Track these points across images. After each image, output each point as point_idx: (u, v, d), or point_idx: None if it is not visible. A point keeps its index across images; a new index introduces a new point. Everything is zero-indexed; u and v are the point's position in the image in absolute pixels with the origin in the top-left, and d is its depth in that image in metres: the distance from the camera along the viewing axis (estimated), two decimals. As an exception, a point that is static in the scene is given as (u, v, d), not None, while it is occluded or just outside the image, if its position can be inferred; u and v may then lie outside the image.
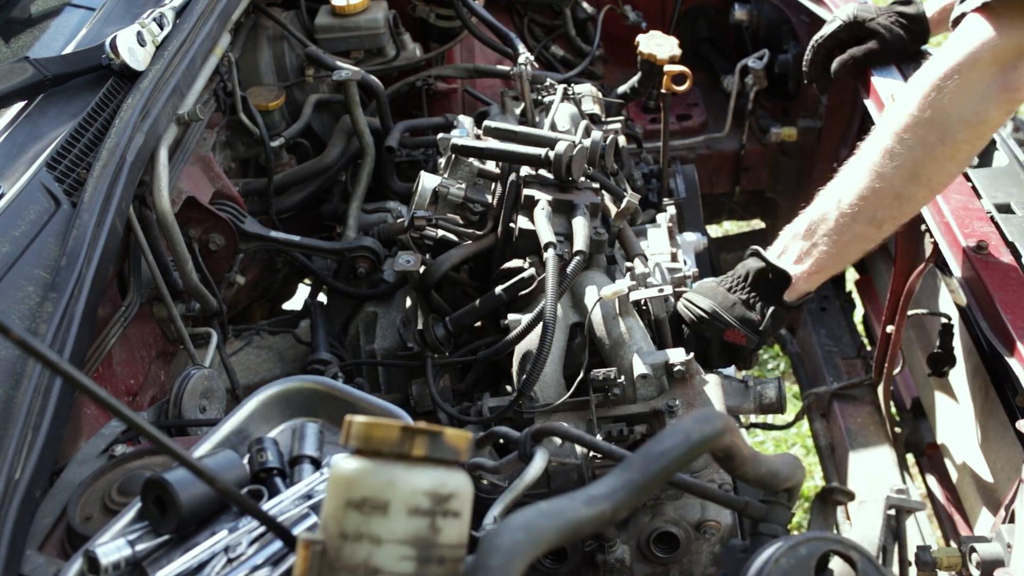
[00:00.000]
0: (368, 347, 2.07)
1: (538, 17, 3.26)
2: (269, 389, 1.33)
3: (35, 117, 1.74)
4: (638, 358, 1.65)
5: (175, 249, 1.84)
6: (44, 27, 2.08)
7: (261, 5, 2.51)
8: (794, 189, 3.24)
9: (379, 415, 1.27)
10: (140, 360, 1.84)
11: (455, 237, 2.01)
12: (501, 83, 3.03)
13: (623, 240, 1.99)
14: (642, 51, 2.57)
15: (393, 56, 2.71)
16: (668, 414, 1.61)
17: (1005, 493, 1.77)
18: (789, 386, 3.58)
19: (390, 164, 2.56)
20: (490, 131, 2.06)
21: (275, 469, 1.20)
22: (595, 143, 2.03)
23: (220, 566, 1.08)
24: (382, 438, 0.82)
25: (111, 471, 1.29)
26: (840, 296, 3.24)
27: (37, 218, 1.52)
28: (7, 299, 1.39)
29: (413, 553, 0.80)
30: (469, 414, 1.81)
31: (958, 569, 1.64)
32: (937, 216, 1.86)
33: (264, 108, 2.42)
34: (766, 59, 2.98)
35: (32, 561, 1.16)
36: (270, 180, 2.36)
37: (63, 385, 1.30)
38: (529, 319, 1.74)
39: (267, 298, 2.59)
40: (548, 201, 1.87)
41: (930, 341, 2.30)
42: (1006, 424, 1.90)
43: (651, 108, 3.26)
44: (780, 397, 1.76)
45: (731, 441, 1.09)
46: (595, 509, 0.89)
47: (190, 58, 1.94)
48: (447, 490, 0.82)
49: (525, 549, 0.81)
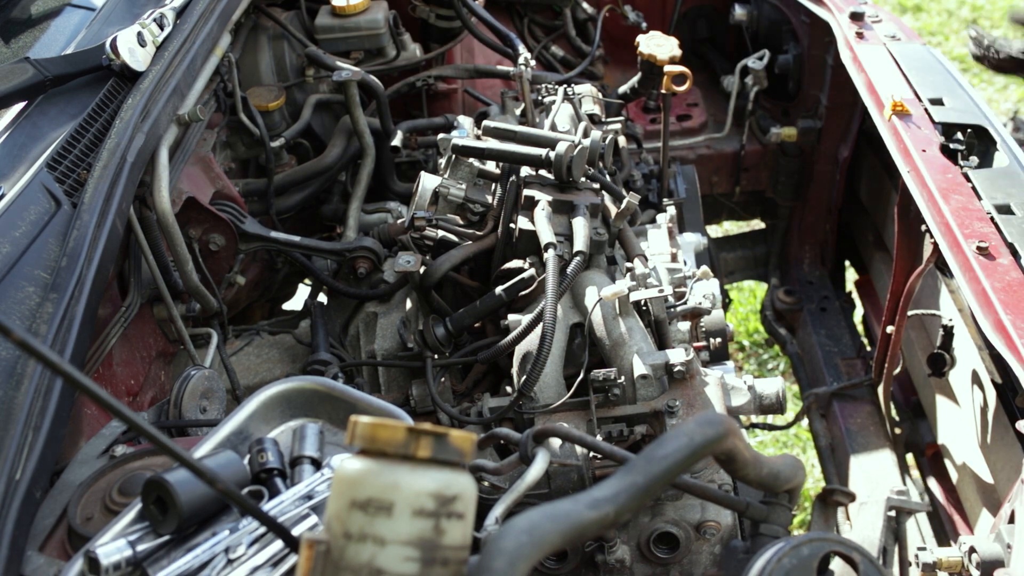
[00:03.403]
0: (368, 347, 2.07)
1: (538, 17, 3.26)
2: (269, 390, 1.33)
3: (35, 118, 1.74)
4: (638, 358, 1.65)
5: (175, 249, 1.84)
6: (44, 27, 2.08)
7: (261, 5, 2.51)
8: (794, 189, 3.24)
9: (379, 416, 1.27)
10: (140, 360, 1.84)
11: (455, 237, 2.01)
12: (501, 83, 3.03)
13: (623, 240, 1.99)
14: (642, 51, 2.57)
15: (393, 56, 2.71)
16: (668, 414, 1.61)
17: (1005, 493, 1.78)
18: (789, 386, 3.59)
19: (390, 164, 2.56)
20: (490, 131, 2.06)
21: (275, 470, 1.20)
22: (595, 143, 2.03)
23: (220, 566, 1.08)
24: (387, 439, 0.82)
25: (112, 472, 1.29)
26: (840, 296, 3.24)
27: (37, 218, 1.52)
28: (7, 299, 1.39)
29: (417, 554, 0.80)
30: (469, 414, 1.81)
31: (958, 570, 1.64)
32: (937, 216, 1.86)
33: (264, 108, 2.42)
34: (766, 59, 2.98)
35: (33, 561, 1.16)
36: (270, 180, 2.35)
37: (64, 386, 1.30)
38: (529, 320, 1.74)
39: (267, 298, 2.59)
40: (548, 201, 1.87)
41: (930, 341, 2.30)
42: (1006, 424, 1.90)
43: (651, 108, 3.26)
44: (780, 397, 1.76)
45: (733, 444, 1.09)
46: (598, 512, 0.89)
47: (190, 58, 1.94)
48: (452, 492, 0.82)
49: (529, 551, 0.81)
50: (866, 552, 1.12)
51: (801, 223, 3.30)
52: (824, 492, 1.40)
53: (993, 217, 1.81)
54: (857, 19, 2.49)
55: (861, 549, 1.12)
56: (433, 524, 0.81)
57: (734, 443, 1.10)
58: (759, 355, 4.16)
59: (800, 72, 3.04)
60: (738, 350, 4.22)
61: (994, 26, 6.03)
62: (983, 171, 1.94)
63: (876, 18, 2.50)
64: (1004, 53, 5.21)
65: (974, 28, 5.45)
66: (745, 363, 4.16)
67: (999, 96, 5.45)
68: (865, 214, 3.03)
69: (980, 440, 2.05)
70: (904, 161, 2.03)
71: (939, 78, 2.25)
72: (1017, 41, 5.28)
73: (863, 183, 3.04)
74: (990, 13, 6.17)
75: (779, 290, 3.27)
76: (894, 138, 2.09)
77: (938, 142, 2.02)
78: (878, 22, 2.48)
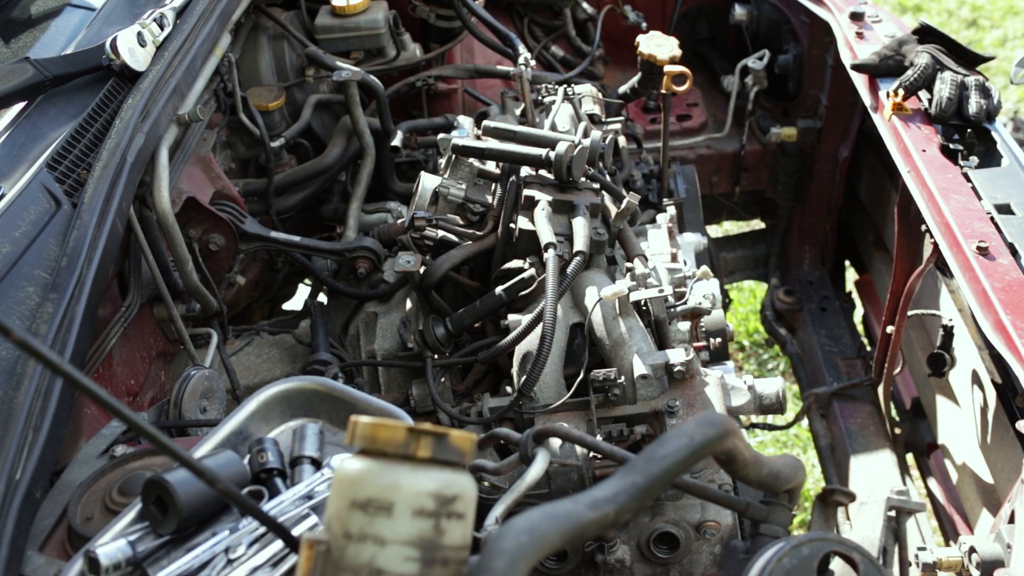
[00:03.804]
0: (368, 347, 2.07)
1: (538, 18, 3.26)
2: (269, 390, 1.33)
3: (35, 118, 1.74)
4: (638, 358, 1.65)
5: (175, 249, 1.84)
6: (44, 27, 2.08)
7: (261, 5, 2.51)
8: (794, 189, 3.24)
9: (379, 416, 1.27)
10: (140, 360, 1.84)
11: (455, 237, 2.01)
12: (501, 83, 3.03)
13: (623, 240, 1.99)
14: (642, 51, 2.57)
15: (393, 56, 2.71)
16: (668, 414, 1.61)
17: (1005, 493, 1.78)
18: (789, 386, 3.59)
19: (390, 164, 2.56)
20: (490, 131, 2.06)
21: (275, 470, 1.20)
22: (595, 143, 2.03)
23: (220, 567, 1.08)
24: (388, 439, 0.82)
25: (112, 472, 1.29)
26: (840, 296, 3.24)
27: (38, 218, 1.52)
28: (7, 299, 1.39)
29: (417, 554, 0.80)
30: (469, 414, 1.81)
31: (958, 570, 1.64)
32: (937, 216, 1.86)
33: (264, 108, 2.42)
34: (766, 59, 2.98)
35: (33, 561, 1.16)
36: (270, 180, 2.35)
37: (64, 386, 1.30)
38: (529, 320, 1.74)
39: (267, 298, 2.59)
40: (548, 201, 1.87)
41: (930, 341, 2.30)
42: (1006, 424, 1.90)
43: (651, 108, 3.26)
44: (780, 397, 1.76)
45: (733, 444, 1.09)
46: (598, 512, 0.89)
47: (190, 58, 1.94)
48: (452, 492, 0.82)
49: (529, 551, 0.81)
50: (866, 552, 1.12)
51: (801, 223, 3.30)
52: (824, 492, 1.40)
53: (993, 217, 1.81)
54: (857, 19, 2.49)
55: (861, 549, 1.13)
56: (433, 524, 0.81)
57: (734, 443, 1.10)
58: (759, 355, 4.16)
59: (800, 72, 3.04)
60: (738, 350, 4.22)
61: (994, 26, 6.03)
62: (983, 171, 1.95)
63: (876, 18, 2.50)
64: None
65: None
66: (745, 363, 4.16)
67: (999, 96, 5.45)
68: (865, 214, 3.03)
69: (980, 440, 2.05)
70: (904, 161, 2.03)
71: (939, 78, 2.25)
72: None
73: (863, 183, 3.04)
74: (990, 13, 6.17)
75: (779, 290, 3.27)
76: (894, 138, 2.09)
77: (938, 142, 2.02)
78: (878, 22, 2.48)
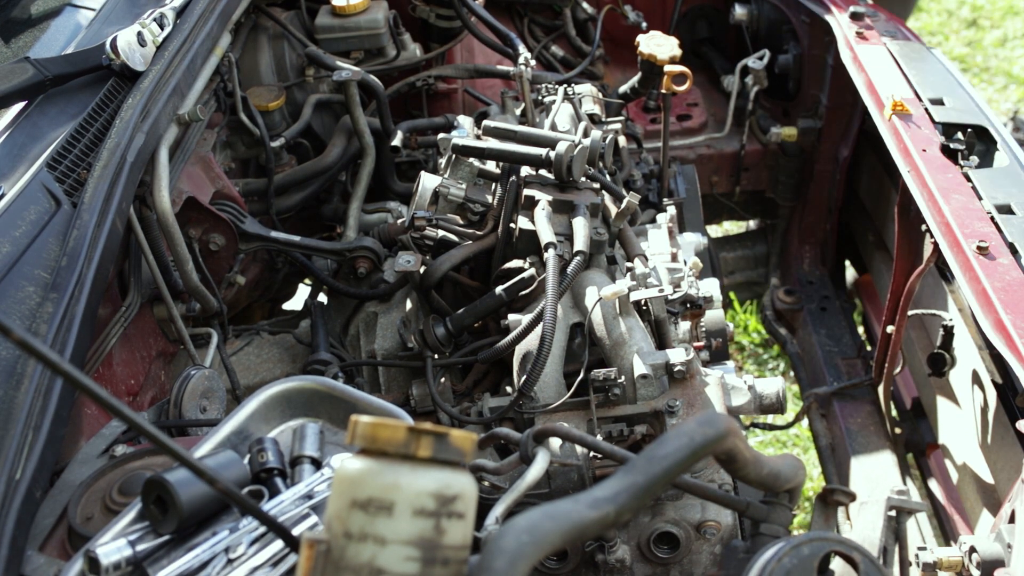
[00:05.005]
0: (368, 347, 2.07)
1: (538, 17, 3.26)
2: (269, 389, 1.33)
3: (35, 117, 1.74)
4: (638, 358, 1.65)
5: (175, 249, 1.84)
6: (44, 27, 2.07)
7: (261, 5, 2.51)
8: (794, 189, 3.24)
9: (379, 415, 1.27)
10: (140, 360, 1.84)
11: (455, 237, 2.01)
12: (501, 83, 3.03)
13: (623, 240, 1.99)
14: (642, 51, 2.57)
15: (393, 56, 2.71)
16: (668, 414, 1.61)
17: (1005, 493, 1.78)
18: (789, 386, 3.59)
19: (390, 164, 2.56)
20: (490, 131, 2.06)
21: (275, 469, 1.20)
22: (595, 143, 2.03)
23: (220, 566, 1.08)
24: (388, 438, 0.82)
25: (112, 471, 1.29)
26: (840, 296, 3.24)
27: (37, 218, 1.52)
28: (7, 299, 1.38)
29: (417, 554, 0.80)
30: (469, 414, 1.81)
31: (958, 569, 1.64)
32: (937, 216, 1.86)
33: (264, 108, 2.42)
34: (766, 59, 2.98)
35: (33, 561, 1.16)
36: (270, 180, 2.35)
37: (64, 385, 1.30)
38: (529, 319, 1.74)
39: (267, 298, 2.59)
40: (548, 201, 1.87)
41: (930, 341, 2.30)
42: (1006, 424, 1.90)
43: (651, 108, 3.26)
44: (780, 397, 1.76)
45: (734, 444, 1.09)
46: (599, 512, 0.89)
47: (190, 58, 1.94)
48: (452, 491, 0.82)
49: (529, 551, 0.81)
50: (866, 552, 1.12)
51: (801, 223, 3.30)
52: (824, 492, 1.40)
53: (993, 217, 1.81)
54: (857, 19, 2.49)
55: (861, 549, 1.12)
56: (433, 524, 0.81)
57: (734, 443, 1.09)
58: (759, 355, 4.16)
59: (800, 72, 3.04)
60: (738, 350, 4.22)
61: (994, 26, 6.03)
62: (983, 171, 1.95)
63: (876, 18, 2.51)
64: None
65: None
66: (745, 363, 4.15)
67: (999, 96, 5.45)
68: (865, 214, 3.03)
69: (980, 440, 2.05)
70: (904, 161, 2.03)
71: (939, 78, 2.26)
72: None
73: (863, 183, 3.04)
74: (990, 13, 6.17)
75: (779, 290, 3.27)
76: (894, 138, 2.09)
77: (938, 142, 2.02)
78: (878, 22, 2.49)
